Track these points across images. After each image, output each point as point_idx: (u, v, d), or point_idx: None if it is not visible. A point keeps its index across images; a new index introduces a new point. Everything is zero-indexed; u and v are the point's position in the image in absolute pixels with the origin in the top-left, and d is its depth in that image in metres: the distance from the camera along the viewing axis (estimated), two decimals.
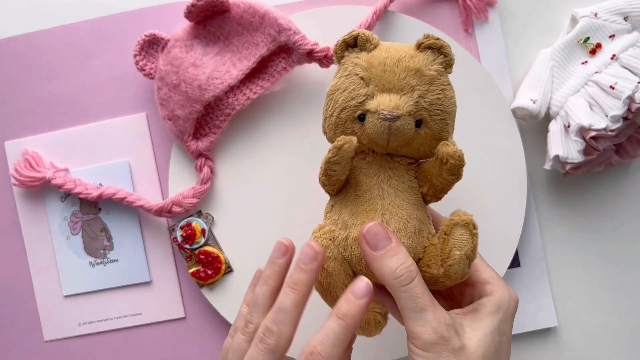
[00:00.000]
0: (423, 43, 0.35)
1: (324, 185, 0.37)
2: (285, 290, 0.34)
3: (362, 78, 0.35)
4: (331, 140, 0.38)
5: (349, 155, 0.35)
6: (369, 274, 0.35)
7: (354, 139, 0.35)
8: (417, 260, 0.36)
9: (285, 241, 0.36)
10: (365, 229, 0.34)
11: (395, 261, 0.34)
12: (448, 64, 0.36)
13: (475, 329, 0.34)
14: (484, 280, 0.37)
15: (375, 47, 0.36)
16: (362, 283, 0.33)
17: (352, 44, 0.37)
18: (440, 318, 0.33)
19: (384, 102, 0.34)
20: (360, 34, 0.36)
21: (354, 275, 0.37)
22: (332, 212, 0.37)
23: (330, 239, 0.36)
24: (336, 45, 0.37)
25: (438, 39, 0.35)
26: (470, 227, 0.35)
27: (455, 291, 0.40)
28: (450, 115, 0.36)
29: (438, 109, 0.35)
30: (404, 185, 0.37)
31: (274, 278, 0.36)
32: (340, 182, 0.37)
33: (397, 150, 0.36)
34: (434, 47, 0.35)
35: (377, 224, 0.34)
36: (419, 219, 0.36)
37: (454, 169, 0.35)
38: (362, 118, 0.35)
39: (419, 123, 0.35)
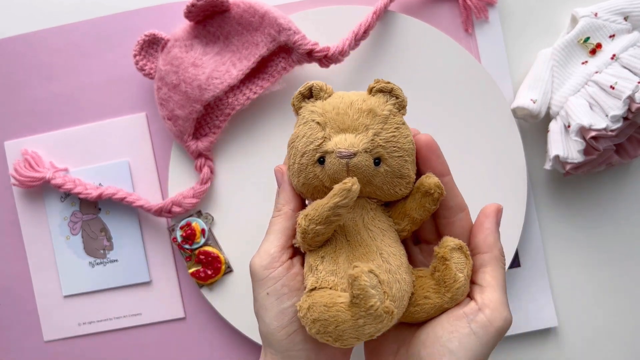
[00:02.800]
0: (374, 87, 0.36)
1: (310, 239, 0.35)
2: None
3: (318, 123, 0.36)
4: (298, 188, 0.37)
5: (356, 196, 0.34)
6: None
7: (354, 179, 0.34)
8: (411, 295, 0.37)
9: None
10: (492, 209, 0.38)
11: (499, 242, 0.37)
12: (401, 105, 0.37)
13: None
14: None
15: (329, 96, 0.37)
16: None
17: (308, 95, 0.38)
18: None
19: (340, 142, 0.35)
20: (314, 85, 0.37)
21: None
22: (325, 264, 0.35)
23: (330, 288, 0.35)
24: (293, 98, 0.38)
25: (388, 82, 0.36)
26: (465, 250, 0.36)
27: None
28: (408, 152, 0.36)
29: (394, 146, 0.35)
30: (385, 224, 0.37)
31: None
32: (329, 234, 0.36)
33: (368, 192, 0.36)
34: (385, 90, 0.36)
35: (497, 206, 0.38)
36: (405, 255, 0.37)
37: (438, 198, 0.36)
38: (322, 161, 0.35)
39: (377, 161, 0.35)
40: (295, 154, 0.37)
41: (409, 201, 0.37)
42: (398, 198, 0.37)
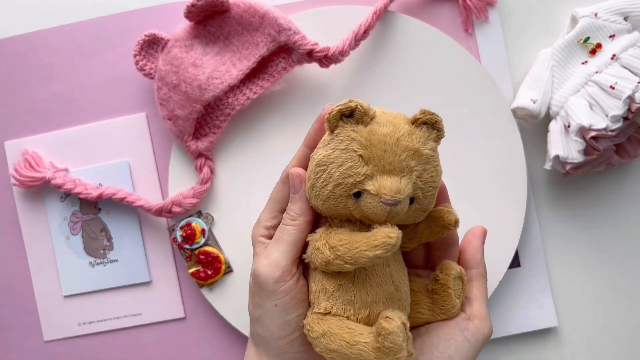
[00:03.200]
0: (419, 118, 0.34)
1: (332, 270, 0.35)
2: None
3: (361, 156, 0.33)
4: (318, 207, 0.36)
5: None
6: None
7: (399, 232, 0.33)
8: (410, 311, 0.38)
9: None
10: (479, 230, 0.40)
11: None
12: (439, 138, 0.35)
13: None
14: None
15: (371, 119, 0.34)
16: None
17: (348, 114, 0.34)
18: None
19: (386, 186, 0.33)
20: (359, 107, 0.34)
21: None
22: (342, 292, 0.35)
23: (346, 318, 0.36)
24: (330, 114, 0.34)
25: (433, 113, 0.34)
26: (463, 277, 0.38)
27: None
28: (437, 188, 0.36)
29: (431, 186, 0.35)
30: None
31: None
32: None
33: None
34: (429, 123, 0.35)
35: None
36: (407, 274, 0.38)
37: (452, 230, 0.37)
38: (357, 195, 0.34)
39: (411, 200, 0.34)
40: (327, 179, 0.34)
41: (421, 226, 0.38)
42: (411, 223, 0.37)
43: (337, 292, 0.35)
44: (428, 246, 0.41)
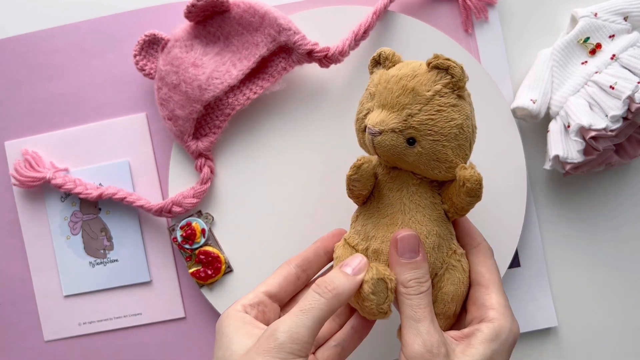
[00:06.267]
0: (431, 62, 0.35)
1: (350, 197, 0.39)
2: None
3: (370, 93, 0.37)
4: (359, 143, 0.40)
5: (368, 174, 0.36)
6: None
7: (374, 158, 0.36)
8: (434, 275, 0.38)
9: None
10: (400, 235, 0.36)
11: (412, 274, 0.35)
12: (456, 85, 0.35)
13: (466, 354, 0.34)
14: (490, 305, 0.37)
15: (393, 65, 0.37)
16: (358, 259, 0.36)
17: (380, 61, 0.39)
18: (434, 335, 0.34)
19: (372, 118, 0.35)
20: (382, 53, 0.38)
21: None
22: (357, 223, 0.39)
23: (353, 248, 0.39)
24: (369, 62, 0.39)
25: (447, 59, 0.35)
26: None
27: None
28: (448, 137, 0.35)
29: (429, 130, 0.35)
30: (426, 201, 0.37)
31: None
32: (364, 196, 0.39)
33: (406, 168, 0.38)
34: (440, 67, 0.35)
35: (414, 236, 0.36)
36: (438, 235, 0.37)
37: (472, 192, 0.35)
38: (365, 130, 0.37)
39: (412, 141, 0.35)
40: (356, 117, 0.39)
41: (453, 185, 0.37)
42: (443, 179, 0.38)
43: (354, 222, 0.39)
44: None
